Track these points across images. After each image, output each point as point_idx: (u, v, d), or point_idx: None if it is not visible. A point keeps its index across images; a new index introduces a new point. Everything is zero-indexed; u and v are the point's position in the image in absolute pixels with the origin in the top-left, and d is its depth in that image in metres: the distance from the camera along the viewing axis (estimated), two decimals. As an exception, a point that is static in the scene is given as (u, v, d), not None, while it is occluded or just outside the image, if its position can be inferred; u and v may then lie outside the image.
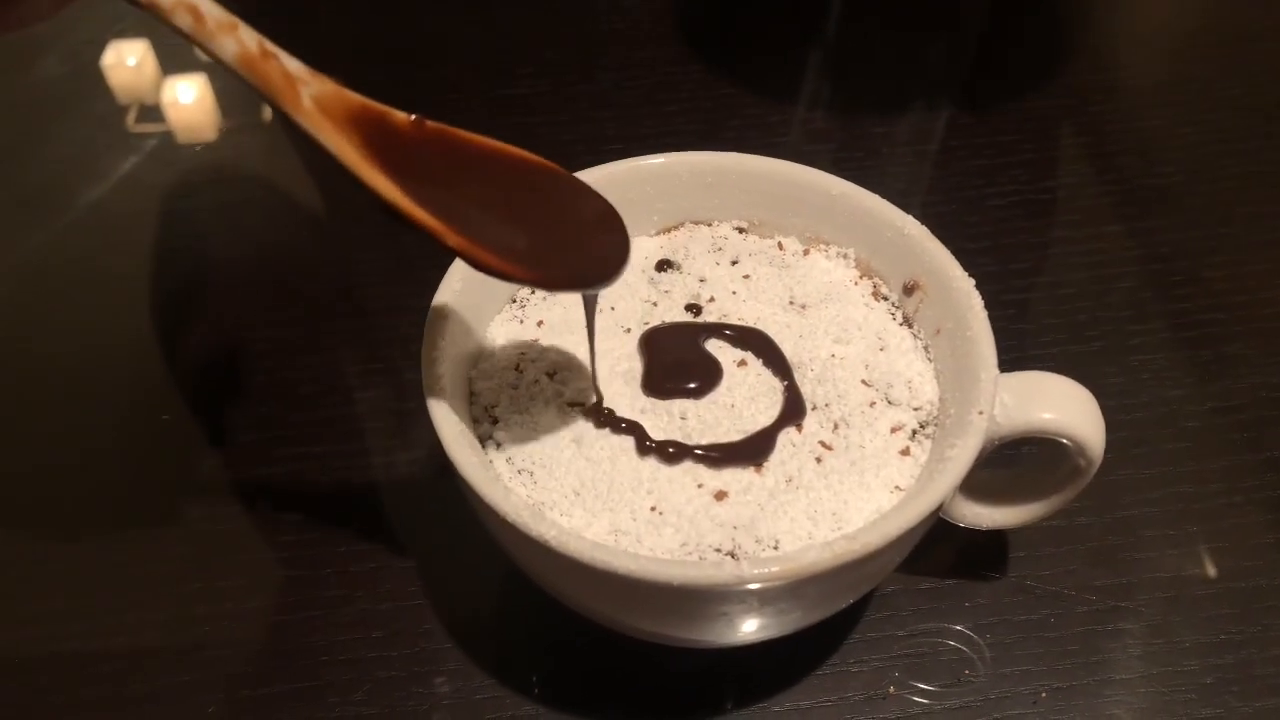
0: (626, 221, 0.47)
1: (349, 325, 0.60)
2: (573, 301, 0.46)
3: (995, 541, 0.49)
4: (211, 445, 0.54)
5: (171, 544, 0.50)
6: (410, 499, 0.51)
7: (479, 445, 0.41)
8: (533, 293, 0.47)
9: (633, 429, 0.41)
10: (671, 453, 0.40)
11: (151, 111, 0.71)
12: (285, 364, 0.57)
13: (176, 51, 0.75)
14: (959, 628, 0.47)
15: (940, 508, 0.38)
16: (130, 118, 0.70)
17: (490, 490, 0.36)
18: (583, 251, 0.37)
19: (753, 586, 0.35)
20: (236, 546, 0.50)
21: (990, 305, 0.42)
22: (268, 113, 0.72)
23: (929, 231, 0.45)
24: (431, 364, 0.40)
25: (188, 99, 0.70)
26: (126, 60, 0.73)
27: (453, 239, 0.34)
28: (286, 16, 0.43)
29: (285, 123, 0.69)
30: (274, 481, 0.53)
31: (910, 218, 0.45)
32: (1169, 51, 0.79)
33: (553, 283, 0.37)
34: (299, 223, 0.66)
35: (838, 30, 0.79)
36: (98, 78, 0.73)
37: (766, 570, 0.34)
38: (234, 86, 0.73)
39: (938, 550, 0.48)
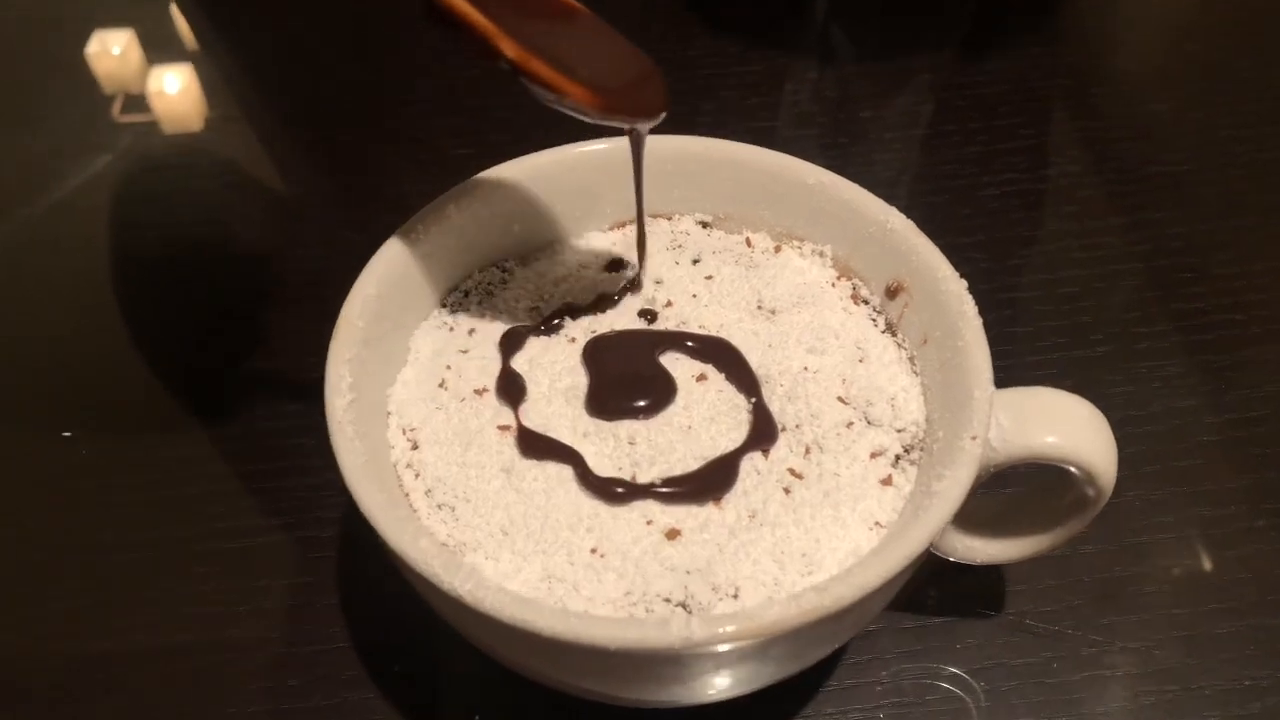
0: (574, 215, 0.43)
1: (314, 327, 0.55)
2: (509, 307, 0.41)
3: (989, 574, 0.44)
4: (121, 463, 0.49)
5: (68, 574, 0.46)
6: (334, 527, 0.46)
7: (393, 474, 0.36)
8: (466, 295, 0.42)
9: (571, 457, 0.35)
10: (619, 493, 0.34)
11: (137, 101, 0.69)
12: (218, 387, 0.53)
13: (161, 40, 0.72)
14: (950, 672, 0.42)
15: (927, 550, 0.32)
16: (116, 107, 0.68)
17: (396, 533, 0.31)
18: (630, 85, 0.36)
19: (705, 650, 0.29)
20: (141, 580, 0.45)
21: (983, 306, 0.38)
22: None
23: (915, 226, 0.40)
24: (338, 378, 0.35)
25: (173, 88, 0.69)
26: (111, 49, 0.72)
27: (509, 46, 0.32)
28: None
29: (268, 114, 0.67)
30: (186, 504, 0.48)
31: (894, 211, 0.40)
32: (1176, 30, 0.74)
33: (608, 105, 0.34)
34: (280, 212, 0.63)
35: (826, 9, 0.74)
36: (82, 67, 0.71)
37: (720, 631, 0.29)
38: (220, 75, 0.71)
39: (925, 584, 0.44)
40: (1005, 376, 0.37)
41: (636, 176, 0.39)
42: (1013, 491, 0.43)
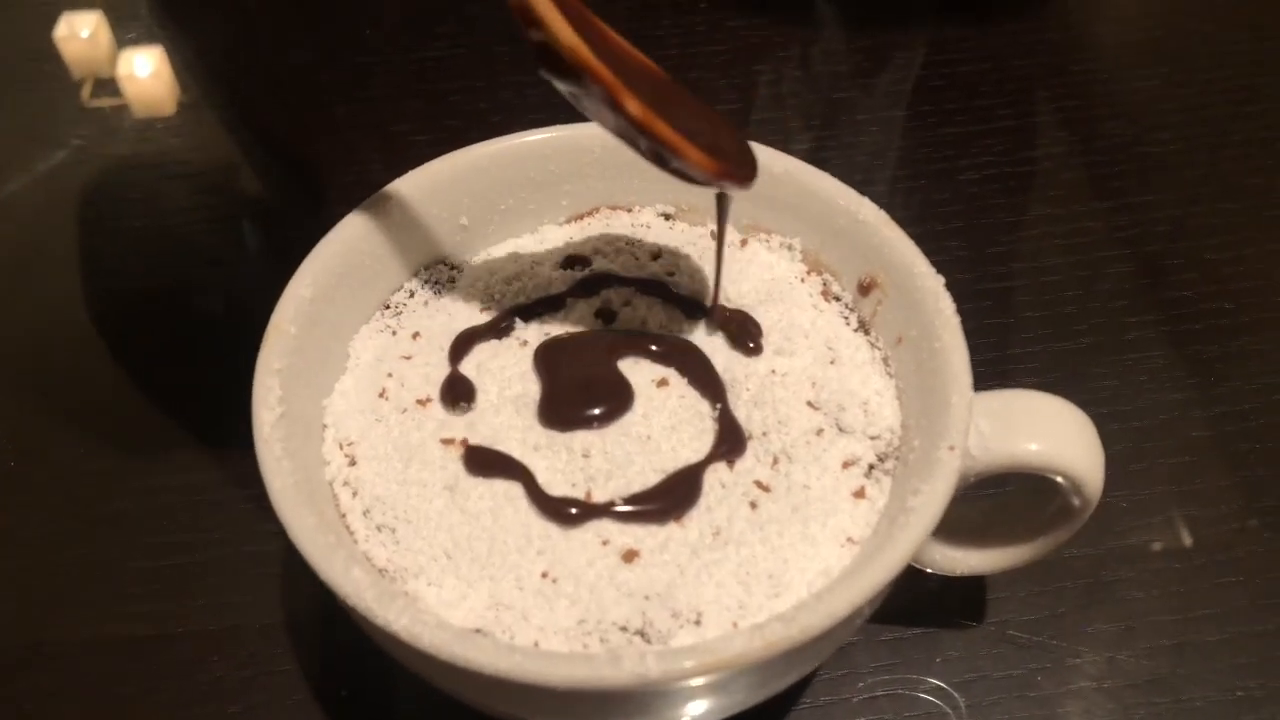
0: (527, 208, 0.41)
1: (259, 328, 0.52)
2: (457, 308, 0.38)
3: (969, 582, 0.42)
4: (46, 475, 0.47)
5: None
6: (276, 542, 0.44)
7: (328, 493, 0.33)
8: (411, 296, 0.39)
9: (521, 474, 0.33)
10: (573, 514, 0.32)
11: (107, 85, 0.66)
12: (151, 391, 0.50)
13: (131, 23, 0.69)
14: (930, 684, 0.41)
15: (902, 572, 0.30)
16: (85, 92, 0.66)
17: (326, 562, 0.29)
18: (735, 152, 0.35)
19: (661, 688, 0.27)
20: (70, 597, 0.43)
21: (961, 297, 0.36)
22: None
23: (888, 218, 0.37)
24: (266, 391, 0.32)
25: (144, 72, 0.67)
26: (79, 32, 0.69)
27: (632, 104, 0.31)
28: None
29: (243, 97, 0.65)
30: (117, 519, 0.45)
31: (866, 201, 0.38)
32: (1162, 2, 0.72)
33: (723, 172, 0.33)
34: (233, 205, 0.60)
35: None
36: (50, 51, 0.68)
37: (677, 667, 0.27)
38: (192, 59, 0.68)
39: (902, 594, 0.41)
40: (985, 371, 0.35)
41: (720, 234, 0.37)
42: (994, 498, 0.41)
